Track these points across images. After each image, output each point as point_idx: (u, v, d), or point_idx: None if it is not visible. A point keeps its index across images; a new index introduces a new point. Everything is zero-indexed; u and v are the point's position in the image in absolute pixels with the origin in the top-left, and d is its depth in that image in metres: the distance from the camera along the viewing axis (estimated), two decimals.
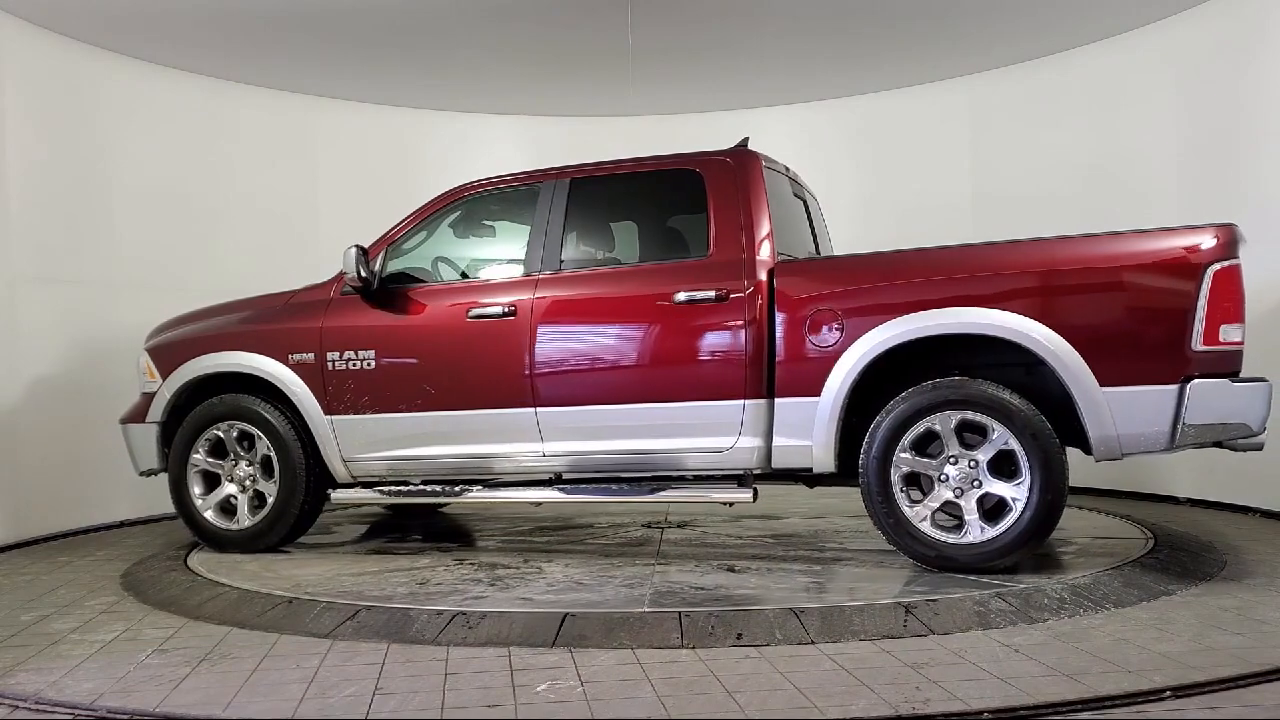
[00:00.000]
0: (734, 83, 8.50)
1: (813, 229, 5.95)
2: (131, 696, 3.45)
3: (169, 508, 7.32)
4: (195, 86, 7.89)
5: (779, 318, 4.93)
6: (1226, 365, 4.49)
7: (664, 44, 7.49)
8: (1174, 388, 4.39)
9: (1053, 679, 3.34)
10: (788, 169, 5.73)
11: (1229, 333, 4.43)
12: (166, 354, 6.02)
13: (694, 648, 3.80)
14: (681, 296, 5.05)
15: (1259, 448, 4.56)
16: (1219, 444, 4.51)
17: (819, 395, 4.82)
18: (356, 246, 5.49)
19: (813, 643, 3.82)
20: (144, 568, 5.57)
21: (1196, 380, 4.39)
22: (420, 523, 6.96)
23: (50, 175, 6.99)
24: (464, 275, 5.82)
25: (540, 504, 6.45)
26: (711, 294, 5.00)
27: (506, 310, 5.32)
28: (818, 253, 5.92)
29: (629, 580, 4.76)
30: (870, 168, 8.81)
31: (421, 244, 5.79)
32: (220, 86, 8.03)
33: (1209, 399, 4.38)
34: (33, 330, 6.79)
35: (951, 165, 8.49)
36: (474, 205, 5.79)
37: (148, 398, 6.04)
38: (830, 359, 4.81)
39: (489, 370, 5.34)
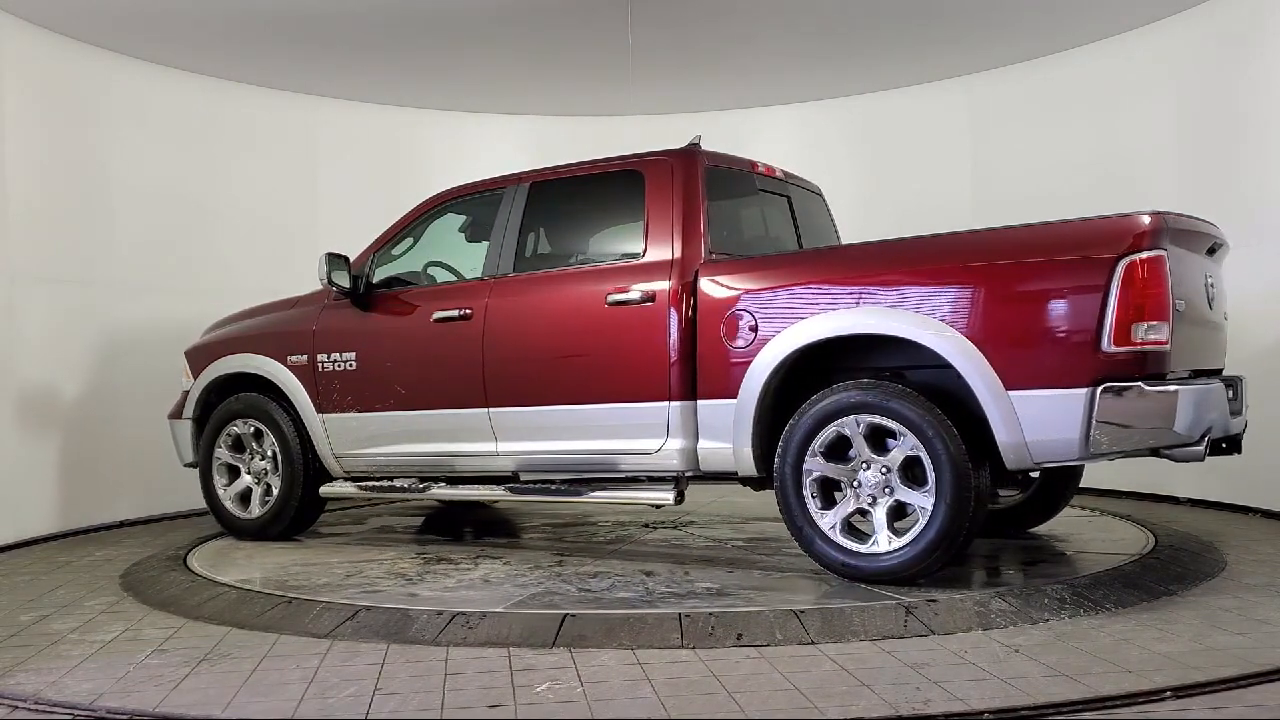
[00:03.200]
0: (734, 83, 8.50)
1: (796, 227, 5.84)
2: (131, 697, 3.45)
3: (169, 508, 7.44)
4: (195, 86, 7.88)
5: (700, 319, 4.86)
6: (1147, 367, 4.07)
7: (664, 44, 7.48)
8: (1083, 391, 4.03)
9: (1054, 679, 3.34)
10: (755, 165, 5.62)
11: (1145, 331, 4.03)
12: (197, 356, 6.53)
13: (694, 648, 3.80)
14: (613, 298, 5.05)
15: (1199, 458, 4.14)
16: (1156, 453, 4.13)
17: (737, 397, 4.74)
18: (328, 254, 5.72)
19: (813, 643, 3.82)
20: (144, 568, 5.56)
21: (1107, 384, 4.02)
22: (476, 517, 7.08)
23: (50, 175, 6.97)
24: (459, 277, 5.88)
25: (496, 502, 6.95)
26: (638, 295, 4.99)
27: (463, 313, 5.45)
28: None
29: (536, 580, 4.78)
30: (870, 167, 8.79)
31: (408, 249, 5.96)
32: (220, 86, 8.02)
33: (1120, 404, 4.01)
34: (33, 330, 6.78)
35: (951, 165, 8.48)
36: (454, 210, 5.97)
37: (185, 396, 6.52)
38: (747, 361, 4.72)
39: (449, 371, 5.48)
